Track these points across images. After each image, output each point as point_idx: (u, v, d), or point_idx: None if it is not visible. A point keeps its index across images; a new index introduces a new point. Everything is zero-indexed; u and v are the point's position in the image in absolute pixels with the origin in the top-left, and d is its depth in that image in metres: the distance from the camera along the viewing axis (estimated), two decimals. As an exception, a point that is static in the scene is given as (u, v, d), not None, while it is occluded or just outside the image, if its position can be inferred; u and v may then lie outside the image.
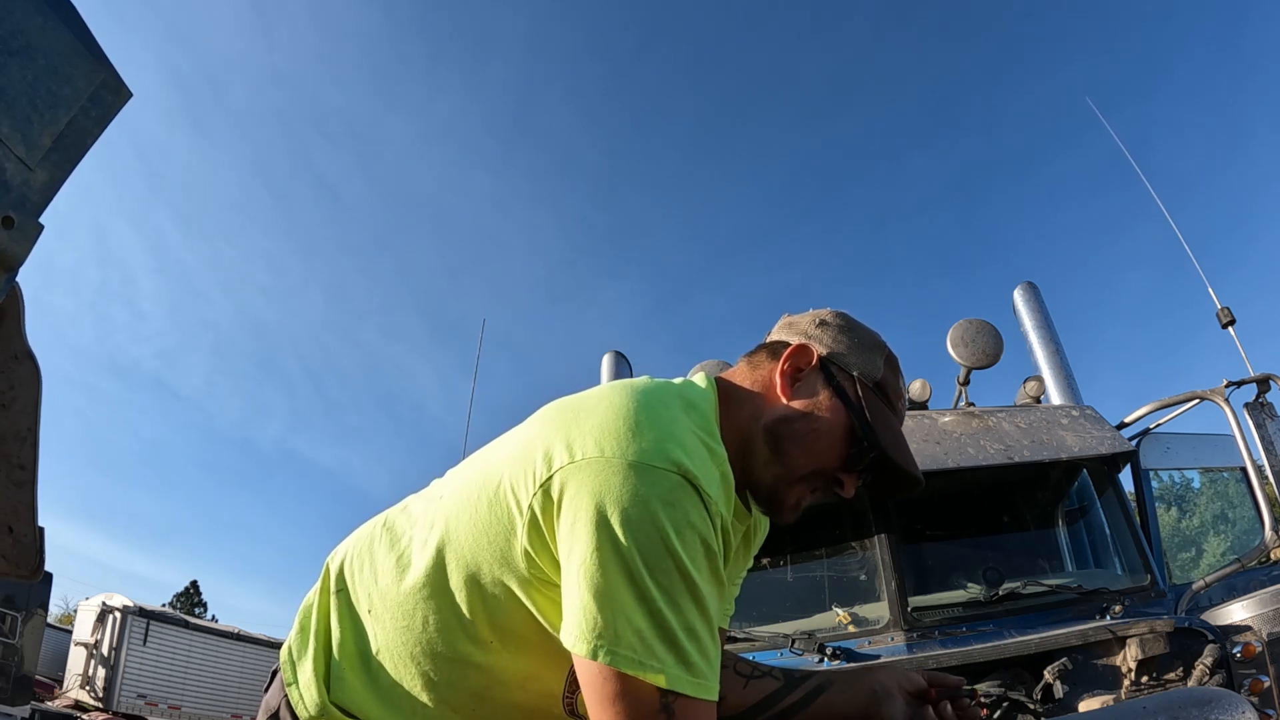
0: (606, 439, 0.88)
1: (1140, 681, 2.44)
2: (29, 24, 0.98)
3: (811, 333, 1.14)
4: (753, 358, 1.17)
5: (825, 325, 1.15)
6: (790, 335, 1.15)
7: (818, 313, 1.18)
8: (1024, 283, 4.29)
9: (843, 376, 1.10)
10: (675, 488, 0.85)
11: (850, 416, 1.06)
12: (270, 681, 1.19)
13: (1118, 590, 2.96)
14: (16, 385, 0.92)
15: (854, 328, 1.15)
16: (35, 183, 0.99)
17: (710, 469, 0.92)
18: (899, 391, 1.13)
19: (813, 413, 1.07)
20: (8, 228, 0.95)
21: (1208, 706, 1.14)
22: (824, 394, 1.08)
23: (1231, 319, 3.43)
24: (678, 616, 0.83)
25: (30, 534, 0.91)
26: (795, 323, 1.18)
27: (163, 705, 14.68)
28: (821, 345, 1.12)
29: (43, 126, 1.00)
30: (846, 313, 1.18)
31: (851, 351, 1.12)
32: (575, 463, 0.87)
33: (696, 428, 0.96)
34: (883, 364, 1.12)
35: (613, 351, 4.45)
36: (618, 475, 0.84)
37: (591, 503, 0.84)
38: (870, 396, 1.09)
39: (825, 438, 1.06)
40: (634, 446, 0.86)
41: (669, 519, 0.83)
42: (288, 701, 1.11)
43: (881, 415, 1.08)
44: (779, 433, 1.07)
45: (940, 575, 3.23)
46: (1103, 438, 3.21)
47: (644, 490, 0.83)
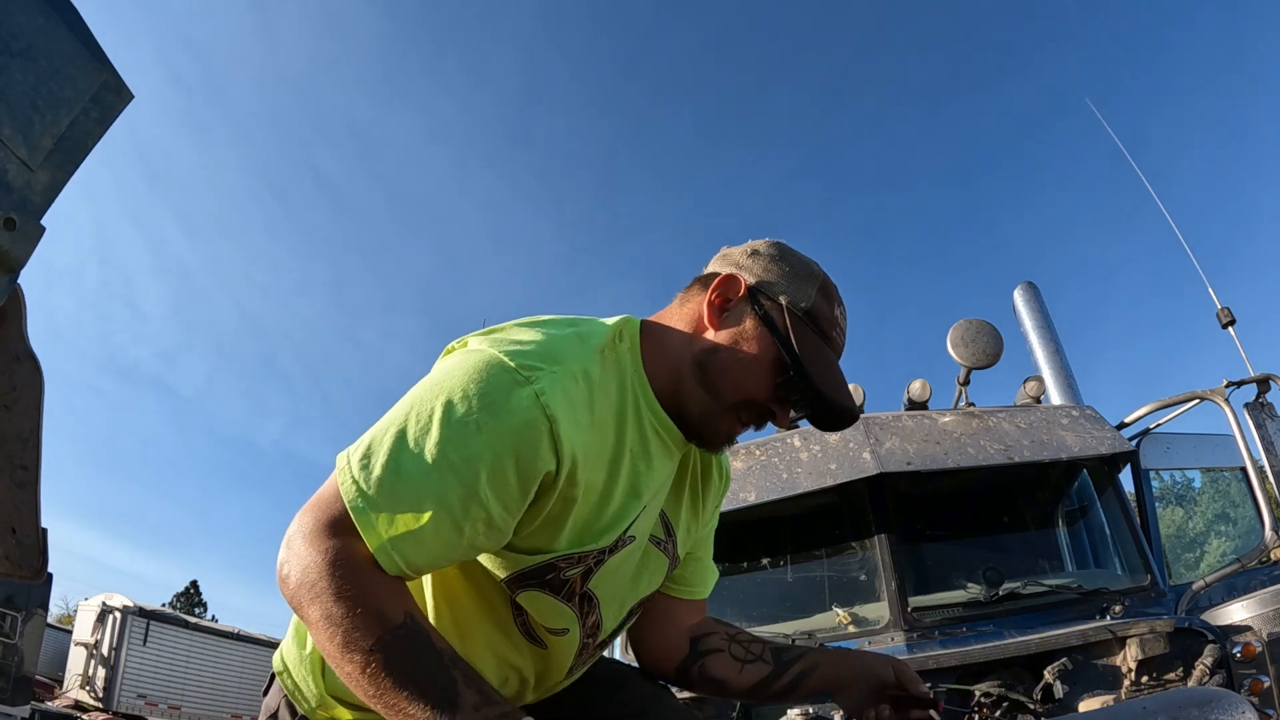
0: (475, 339, 0.98)
1: (1140, 681, 2.44)
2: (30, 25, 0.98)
3: (742, 263, 1.12)
4: (686, 292, 1.16)
5: (757, 255, 1.12)
6: (722, 266, 1.14)
7: (753, 243, 1.15)
8: (1024, 283, 4.30)
9: (771, 305, 1.07)
10: (490, 369, 0.89)
11: (777, 346, 1.05)
12: (269, 683, 1.20)
13: (1118, 590, 2.96)
14: (18, 386, 0.92)
15: (786, 256, 1.12)
16: (37, 184, 0.99)
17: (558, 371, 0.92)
18: (833, 320, 1.09)
19: (738, 343, 1.06)
20: (9, 229, 0.95)
21: (1208, 706, 1.14)
22: (750, 323, 1.07)
23: (1231, 319, 3.43)
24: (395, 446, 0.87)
25: (33, 535, 0.92)
26: (729, 254, 1.16)
27: (163, 705, 14.67)
28: (750, 275, 1.10)
29: (44, 128, 1.00)
30: (783, 242, 1.15)
31: (781, 279, 1.09)
32: (451, 347, 1.00)
33: (568, 340, 0.98)
34: (815, 291, 1.08)
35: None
36: (456, 356, 0.95)
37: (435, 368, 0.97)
38: (799, 325, 1.06)
39: (752, 368, 1.05)
40: (485, 342, 0.95)
41: (448, 385, 0.89)
42: (287, 701, 1.12)
43: (811, 344, 1.06)
44: (705, 364, 1.06)
45: (940, 575, 3.23)
46: (1103, 438, 3.21)
47: (462, 364, 0.91)
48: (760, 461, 3.32)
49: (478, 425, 0.86)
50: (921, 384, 3.79)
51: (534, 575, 1.02)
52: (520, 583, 1.02)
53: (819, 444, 3.30)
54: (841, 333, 1.11)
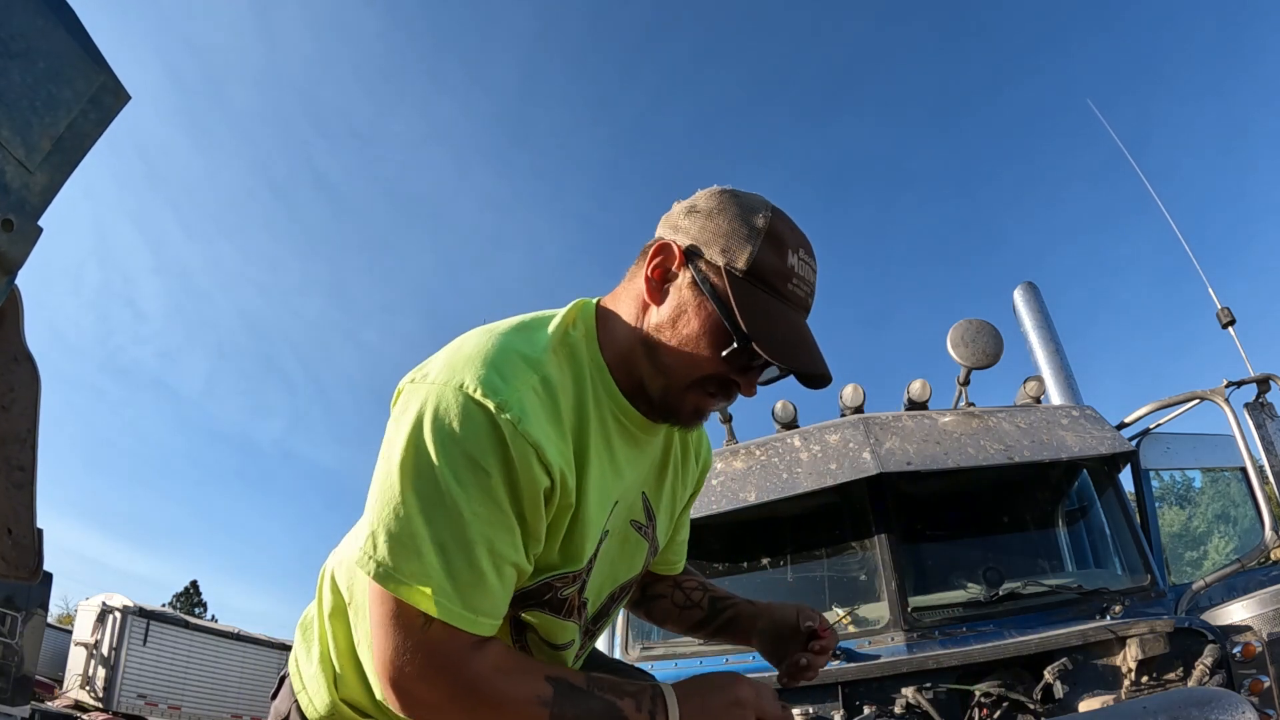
0: (432, 366, 0.96)
1: (1140, 681, 2.44)
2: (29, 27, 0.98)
3: (680, 224, 1.04)
4: (636, 265, 1.09)
5: (693, 213, 1.03)
6: (664, 230, 1.07)
7: (695, 196, 1.06)
8: (1024, 283, 4.29)
9: (709, 269, 0.99)
10: (461, 407, 0.88)
11: (719, 314, 0.97)
12: (278, 687, 1.20)
13: (1118, 590, 2.96)
14: (16, 387, 0.92)
15: (725, 206, 1.01)
16: (35, 185, 0.99)
17: (520, 387, 0.91)
18: (784, 271, 0.99)
19: (680, 317, 1.00)
20: (7, 231, 0.95)
21: (1208, 706, 1.14)
22: (689, 293, 1.00)
23: (1231, 319, 3.43)
24: (430, 529, 0.86)
25: (29, 535, 0.92)
26: (670, 214, 1.08)
27: (163, 705, 14.67)
28: (686, 236, 1.02)
29: (42, 129, 1.00)
30: (728, 188, 1.05)
31: (717, 237, 0.99)
32: (406, 382, 0.97)
33: (521, 346, 0.97)
34: (758, 242, 0.98)
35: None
36: (416, 398, 0.91)
37: (392, 421, 0.94)
38: (741, 286, 0.97)
39: (696, 341, 0.99)
40: (442, 374, 0.92)
41: (437, 436, 0.87)
42: (298, 706, 1.12)
43: (758, 305, 0.97)
44: (652, 344, 1.02)
45: (940, 575, 3.23)
46: (1103, 438, 3.21)
47: (430, 410, 0.89)
48: (760, 461, 3.32)
49: (473, 470, 0.87)
50: (921, 384, 3.79)
51: (533, 596, 1.02)
52: (520, 603, 1.02)
53: (819, 444, 3.30)
54: (803, 282, 1.01)
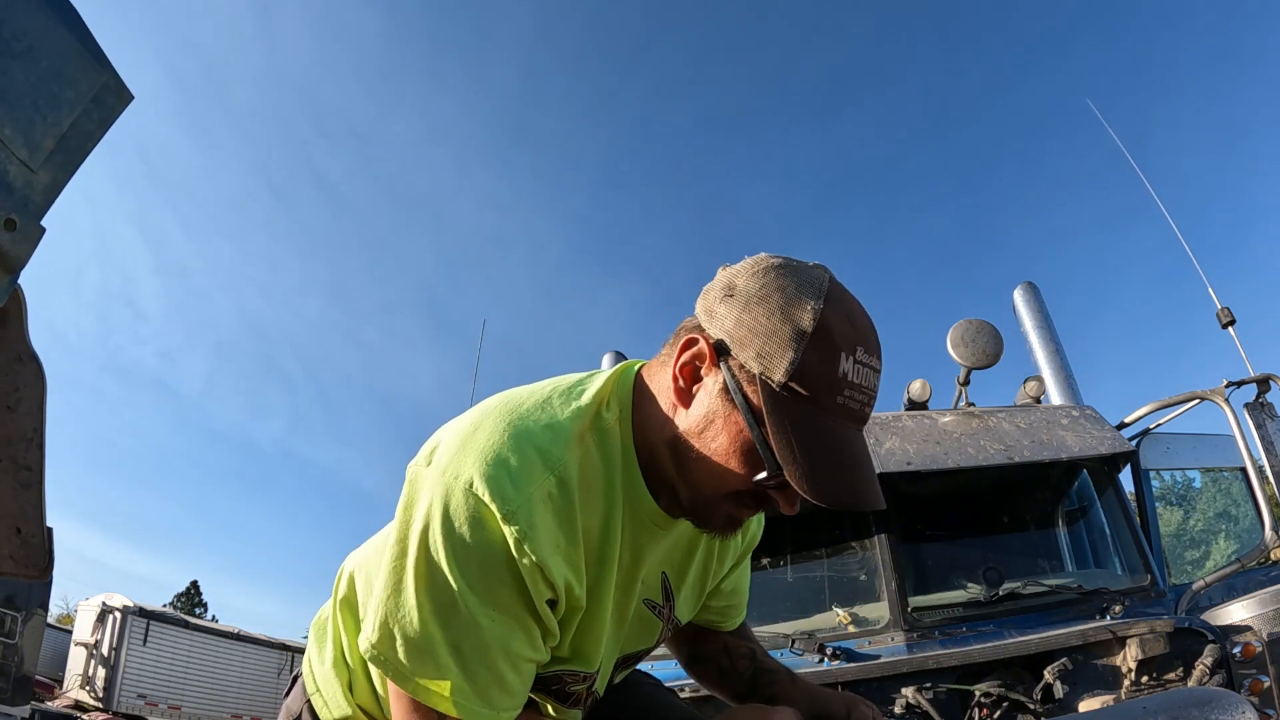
0: (445, 450, 0.89)
1: (1140, 681, 2.44)
2: (32, 27, 0.98)
3: (715, 310, 0.90)
4: (671, 344, 0.97)
5: (731, 298, 0.88)
6: (700, 310, 0.94)
7: (733, 276, 0.91)
8: (1024, 283, 4.29)
9: (743, 376, 0.86)
10: (471, 511, 0.84)
11: (751, 432, 0.85)
12: (291, 686, 1.20)
13: (1118, 590, 2.96)
14: (21, 387, 0.92)
15: (765, 296, 0.86)
16: (37, 185, 0.99)
17: (531, 493, 0.85)
18: (835, 381, 0.84)
19: (709, 428, 0.89)
20: (10, 230, 0.95)
21: (1208, 706, 1.14)
22: (719, 402, 0.88)
23: (1231, 319, 3.43)
24: (445, 633, 0.84)
25: (38, 535, 0.92)
26: (709, 292, 0.94)
27: (163, 705, 14.67)
28: (719, 329, 0.89)
29: (45, 129, 1.00)
30: (775, 263, 0.89)
31: (754, 337, 0.85)
32: (419, 465, 0.91)
33: (541, 438, 0.89)
34: (802, 347, 0.82)
35: (613, 352, 4.45)
36: (427, 489, 0.87)
37: (404, 508, 0.89)
38: (777, 401, 0.84)
39: (726, 458, 0.89)
40: (454, 464, 0.86)
41: (449, 541, 0.84)
42: (310, 707, 1.12)
43: (793, 425, 0.83)
44: (679, 450, 0.92)
45: (940, 575, 3.23)
46: (1103, 438, 3.21)
47: (439, 509, 0.84)
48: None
49: (485, 578, 0.85)
50: (921, 384, 3.79)
51: (542, 684, 1.01)
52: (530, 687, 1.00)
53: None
54: (858, 390, 0.85)
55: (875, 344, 0.89)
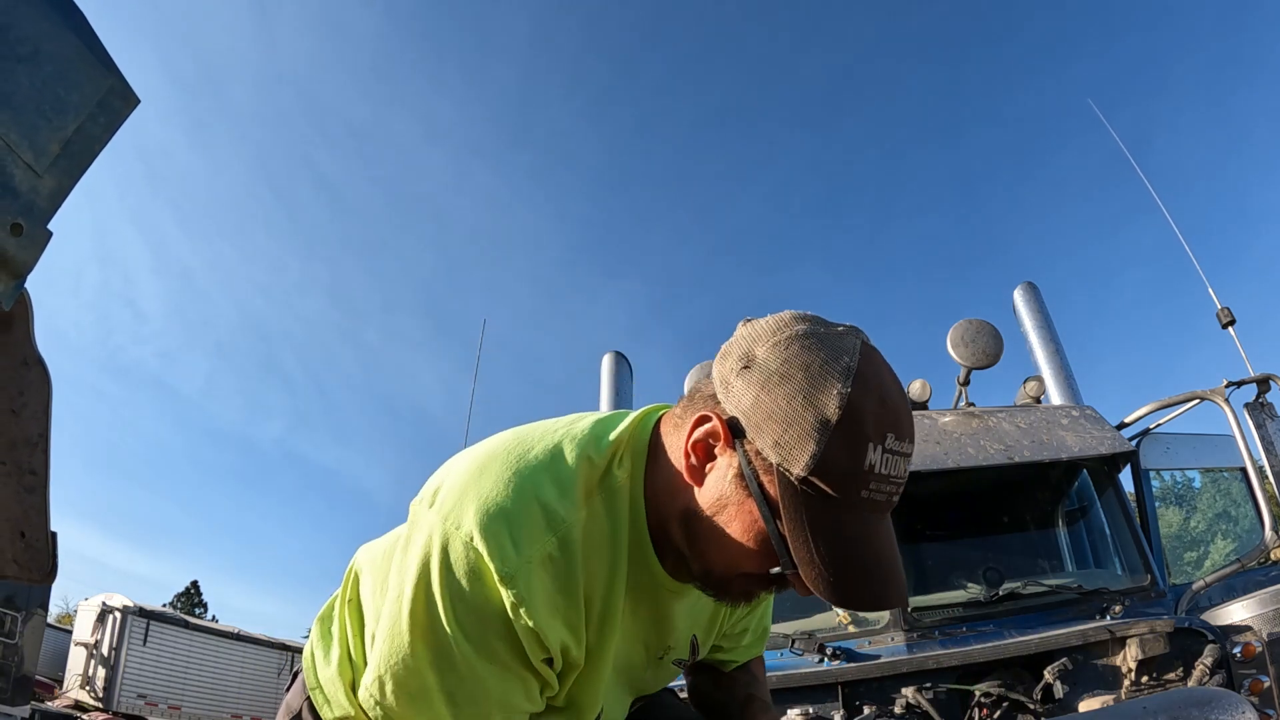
0: (448, 493, 0.88)
1: (1140, 681, 2.45)
2: (37, 30, 0.98)
3: (731, 384, 0.82)
4: (685, 406, 0.91)
5: (748, 371, 0.81)
6: (716, 378, 0.86)
7: (752, 343, 0.83)
8: (1024, 283, 4.30)
9: (759, 463, 0.79)
10: (470, 565, 0.82)
11: (765, 525, 0.80)
12: (291, 682, 1.20)
13: (1118, 590, 2.97)
14: (27, 391, 0.93)
15: (787, 375, 0.78)
16: (43, 189, 1.00)
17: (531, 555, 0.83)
18: (859, 476, 0.76)
19: (721, 512, 0.84)
20: (16, 235, 0.95)
21: (1208, 706, 1.15)
22: (733, 486, 0.82)
23: (1231, 319, 3.44)
24: (440, 680, 0.84)
25: (43, 539, 0.92)
26: (727, 355, 0.86)
27: (163, 705, 14.67)
28: (734, 407, 0.81)
29: (51, 133, 1.00)
30: (796, 337, 0.80)
31: (772, 422, 0.77)
32: (422, 505, 0.90)
33: (547, 493, 0.86)
34: (824, 440, 0.75)
35: (613, 352, 4.46)
36: (427, 533, 0.86)
37: (404, 549, 0.88)
38: (795, 496, 0.77)
39: (738, 545, 0.84)
40: (455, 511, 0.85)
41: (446, 591, 0.83)
42: (310, 704, 1.11)
43: (811, 521, 0.77)
44: (689, 527, 0.88)
45: (940, 575, 3.24)
46: (1103, 438, 3.22)
47: (437, 558, 0.83)
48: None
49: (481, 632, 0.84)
50: (921, 384, 3.80)
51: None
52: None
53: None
54: (885, 481, 0.78)
55: (908, 426, 0.80)
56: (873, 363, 0.80)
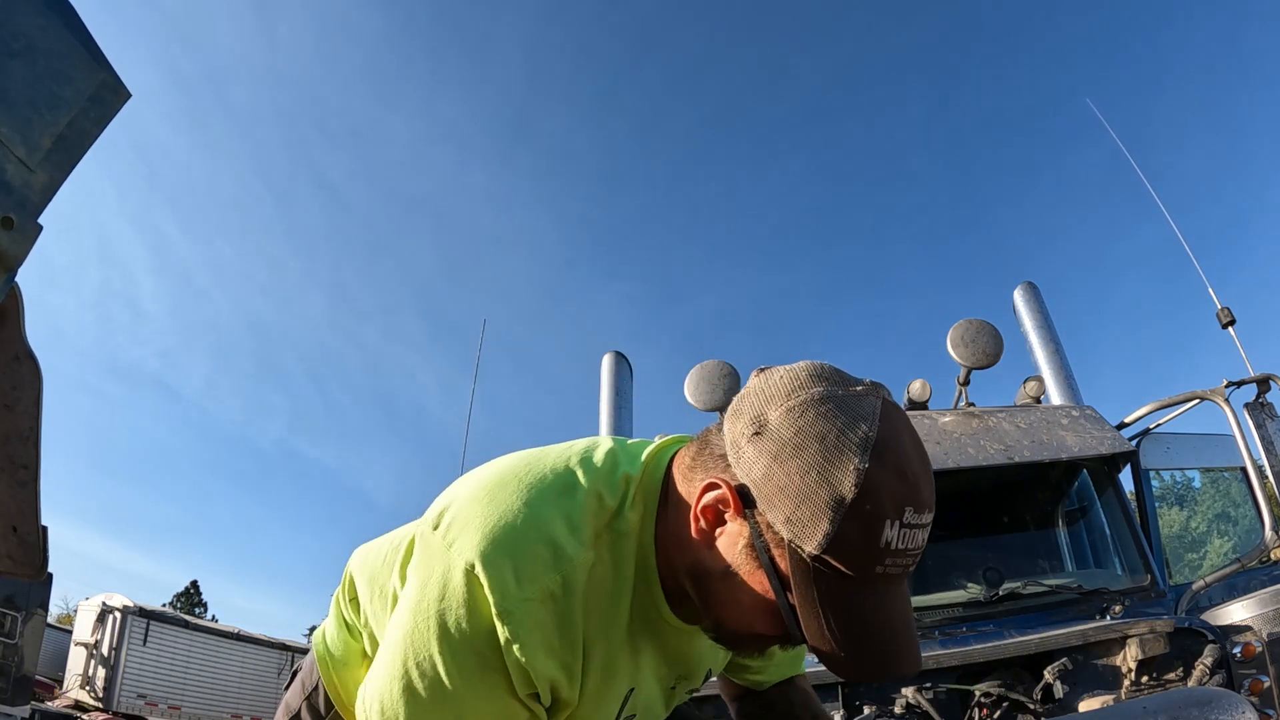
0: (454, 518, 0.86)
1: (1140, 681, 2.44)
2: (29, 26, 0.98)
3: (742, 450, 0.79)
4: (699, 452, 0.88)
5: (759, 438, 0.77)
6: (728, 436, 0.83)
7: (765, 406, 0.79)
8: (1024, 283, 4.30)
9: (770, 536, 0.77)
10: (468, 595, 0.81)
11: (775, 596, 0.79)
12: (290, 681, 1.21)
13: (1118, 590, 2.96)
14: (18, 386, 0.92)
15: (801, 446, 0.74)
16: (35, 184, 0.99)
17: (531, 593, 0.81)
18: (873, 551, 0.73)
19: (729, 576, 0.83)
20: (7, 228, 0.95)
21: (1208, 706, 1.14)
22: (743, 556, 0.81)
23: (1231, 319, 3.44)
24: (435, 708, 0.83)
25: (34, 533, 0.92)
26: (738, 413, 0.82)
27: (163, 705, 14.67)
28: (745, 473, 0.78)
29: (43, 128, 1.00)
30: (812, 403, 0.76)
31: (784, 496, 0.74)
32: (426, 527, 0.88)
33: (556, 530, 0.84)
34: (839, 518, 0.72)
35: (613, 352, 4.45)
36: (429, 558, 0.85)
37: (405, 566, 0.89)
38: (808, 573, 0.75)
39: (748, 611, 0.84)
40: (461, 538, 0.83)
41: (442, 619, 0.81)
42: (309, 704, 1.13)
43: (823, 600, 0.76)
44: (699, 585, 0.87)
45: (940, 575, 3.24)
46: (1103, 438, 3.21)
47: (437, 589, 0.82)
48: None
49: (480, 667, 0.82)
50: (921, 384, 3.79)
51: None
52: None
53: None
54: (902, 555, 0.75)
55: (928, 496, 0.77)
56: (893, 429, 0.76)
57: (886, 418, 0.76)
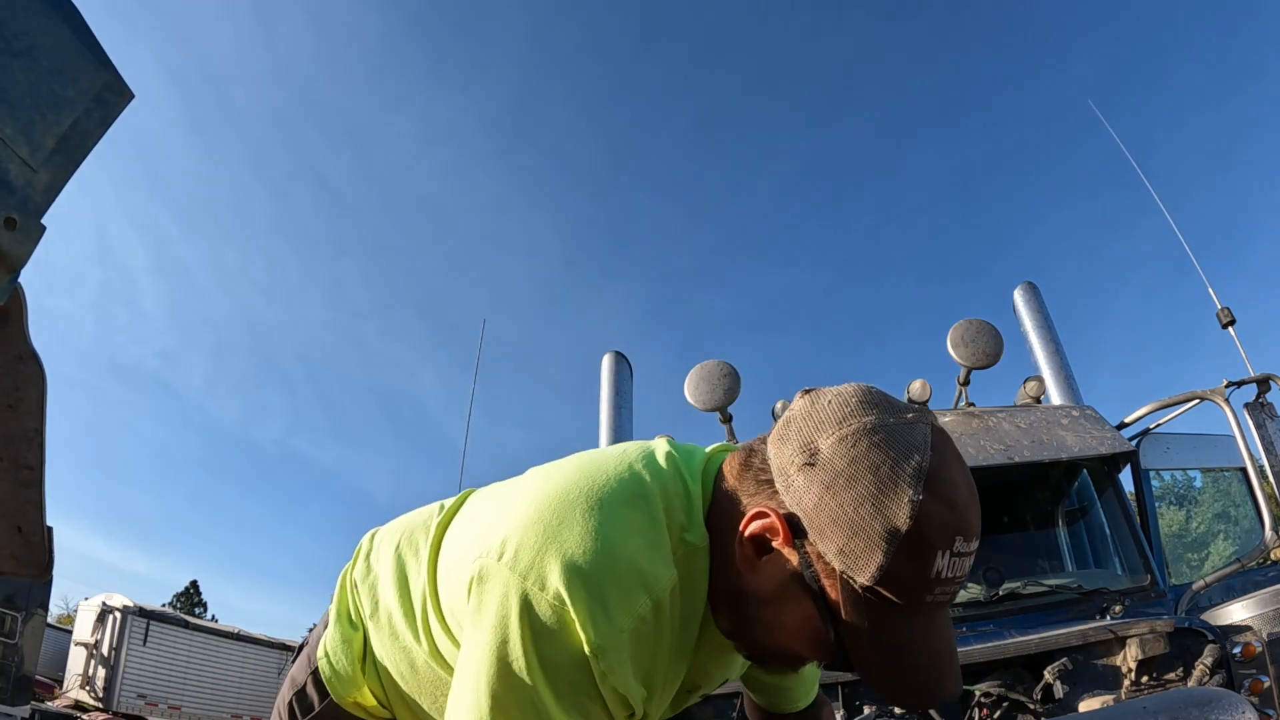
0: (525, 548, 0.80)
1: (1140, 681, 2.44)
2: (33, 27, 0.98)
3: (791, 478, 0.79)
4: (742, 470, 0.87)
5: (811, 469, 0.77)
6: (773, 461, 0.83)
7: (815, 433, 0.79)
8: (1024, 283, 4.30)
9: (820, 566, 0.77)
10: (559, 627, 0.76)
11: (824, 625, 0.79)
12: (296, 655, 1.20)
13: (1118, 590, 2.96)
14: (22, 386, 0.92)
15: (855, 477, 0.74)
16: (38, 184, 0.99)
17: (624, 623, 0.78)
18: (924, 582, 0.74)
19: (773, 602, 0.83)
20: (10, 229, 0.95)
21: (1208, 706, 1.14)
22: (790, 584, 0.80)
23: (1231, 319, 3.44)
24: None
25: (39, 533, 0.92)
26: (786, 437, 0.82)
27: (163, 705, 14.67)
28: (795, 503, 0.78)
29: (46, 128, 1.00)
30: (864, 432, 0.76)
31: (837, 527, 0.74)
32: (489, 559, 0.81)
33: (641, 555, 0.80)
34: (893, 550, 0.72)
35: (613, 352, 4.45)
36: (505, 592, 0.79)
37: (476, 609, 0.81)
38: (858, 602, 0.76)
39: (792, 636, 0.84)
40: (537, 568, 0.78)
41: (532, 656, 0.77)
42: (315, 676, 1.10)
43: (872, 629, 0.76)
44: (738, 609, 0.86)
45: (940, 575, 3.23)
46: (1103, 438, 3.21)
47: (522, 620, 0.77)
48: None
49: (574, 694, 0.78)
50: (921, 384, 3.79)
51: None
52: None
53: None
54: (950, 584, 0.76)
55: (976, 523, 0.78)
56: (944, 457, 0.77)
57: (938, 446, 0.77)
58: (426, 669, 1.01)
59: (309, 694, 1.10)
